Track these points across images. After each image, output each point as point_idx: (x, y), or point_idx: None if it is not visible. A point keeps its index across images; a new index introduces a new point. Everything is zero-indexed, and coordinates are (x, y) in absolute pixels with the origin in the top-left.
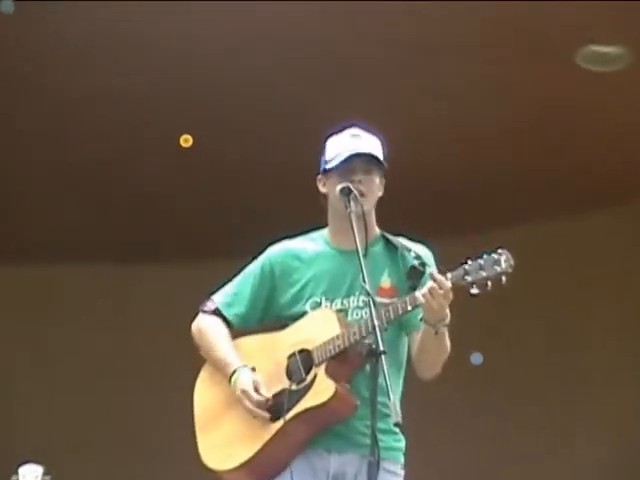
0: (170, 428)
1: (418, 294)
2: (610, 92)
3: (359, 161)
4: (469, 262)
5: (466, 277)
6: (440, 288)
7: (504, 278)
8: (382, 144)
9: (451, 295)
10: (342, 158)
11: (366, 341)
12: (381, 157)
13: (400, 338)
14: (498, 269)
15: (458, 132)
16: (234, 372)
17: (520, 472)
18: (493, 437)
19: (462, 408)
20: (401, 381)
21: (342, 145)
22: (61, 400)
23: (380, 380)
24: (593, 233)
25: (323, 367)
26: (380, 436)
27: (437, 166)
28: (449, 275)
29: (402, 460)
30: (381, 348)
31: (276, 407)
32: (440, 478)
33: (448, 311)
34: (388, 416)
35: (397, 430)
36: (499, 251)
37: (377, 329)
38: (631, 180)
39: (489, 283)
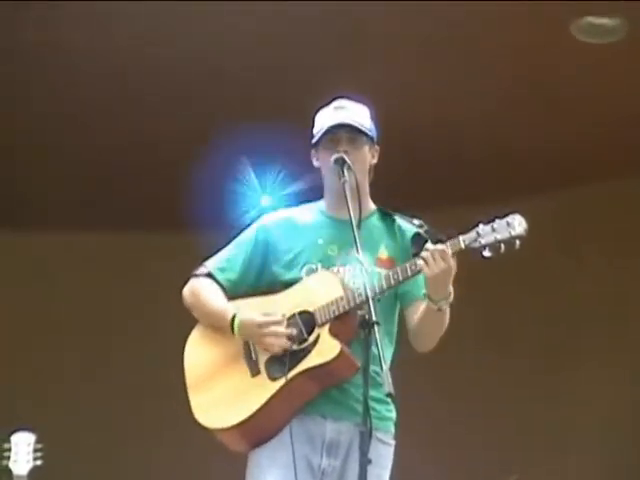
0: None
1: (418, 259)
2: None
3: (343, 132)
4: (481, 225)
5: (479, 240)
6: (437, 252)
7: (518, 242)
8: (370, 113)
9: (452, 263)
10: (323, 131)
11: (359, 312)
12: (367, 125)
13: (393, 309)
14: (512, 232)
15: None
16: (234, 317)
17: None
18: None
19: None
20: (392, 351)
21: (326, 118)
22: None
23: (373, 350)
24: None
25: (326, 327)
26: (373, 405)
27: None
28: (461, 238)
29: (393, 430)
30: (374, 319)
31: (276, 367)
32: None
33: (452, 288)
34: (381, 385)
35: (389, 400)
36: (511, 215)
37: (370, 300)
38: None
39: (502, 246)
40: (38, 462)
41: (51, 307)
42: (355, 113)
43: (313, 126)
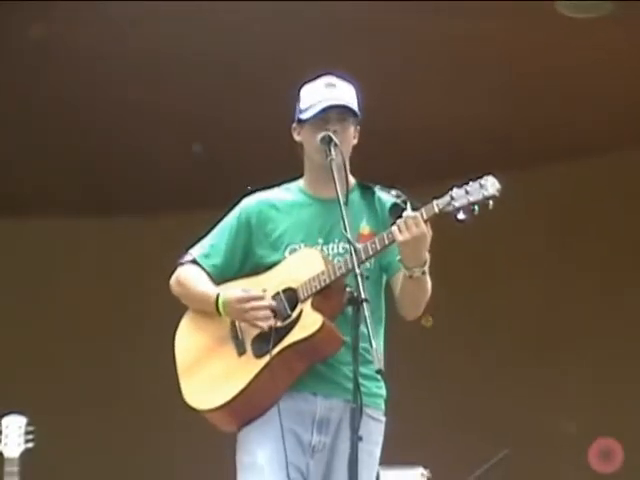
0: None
1: (393, 227)
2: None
3: (333, 111)
4: (455, 189)
5: (453, 203)
6: (409, 218)
7: (491, 202)
8: (357, 92)
9: (425, 229)
10: (317, 109)
11: (348, 289)
12: (355, 106)
13: (381, 286)
14: (485, 193)
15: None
16: (218, 296)
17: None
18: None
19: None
20: (383, 329)
21: (316, 95)
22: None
23: (362, 327)
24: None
25: (309, 302)
26: (363, 382)
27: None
28: (435, 202)
29: (383, 407)
30: (363, 296)
31: (261, 345)
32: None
33: (427, 256)
34: (371, 362)
35: (379, 377)
36: (485, 177)
37: (359, 277)
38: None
39: (476, 208)
40: (30, 445)
41: (45, 291)
42: (345, 92)
43: (298, 100)
